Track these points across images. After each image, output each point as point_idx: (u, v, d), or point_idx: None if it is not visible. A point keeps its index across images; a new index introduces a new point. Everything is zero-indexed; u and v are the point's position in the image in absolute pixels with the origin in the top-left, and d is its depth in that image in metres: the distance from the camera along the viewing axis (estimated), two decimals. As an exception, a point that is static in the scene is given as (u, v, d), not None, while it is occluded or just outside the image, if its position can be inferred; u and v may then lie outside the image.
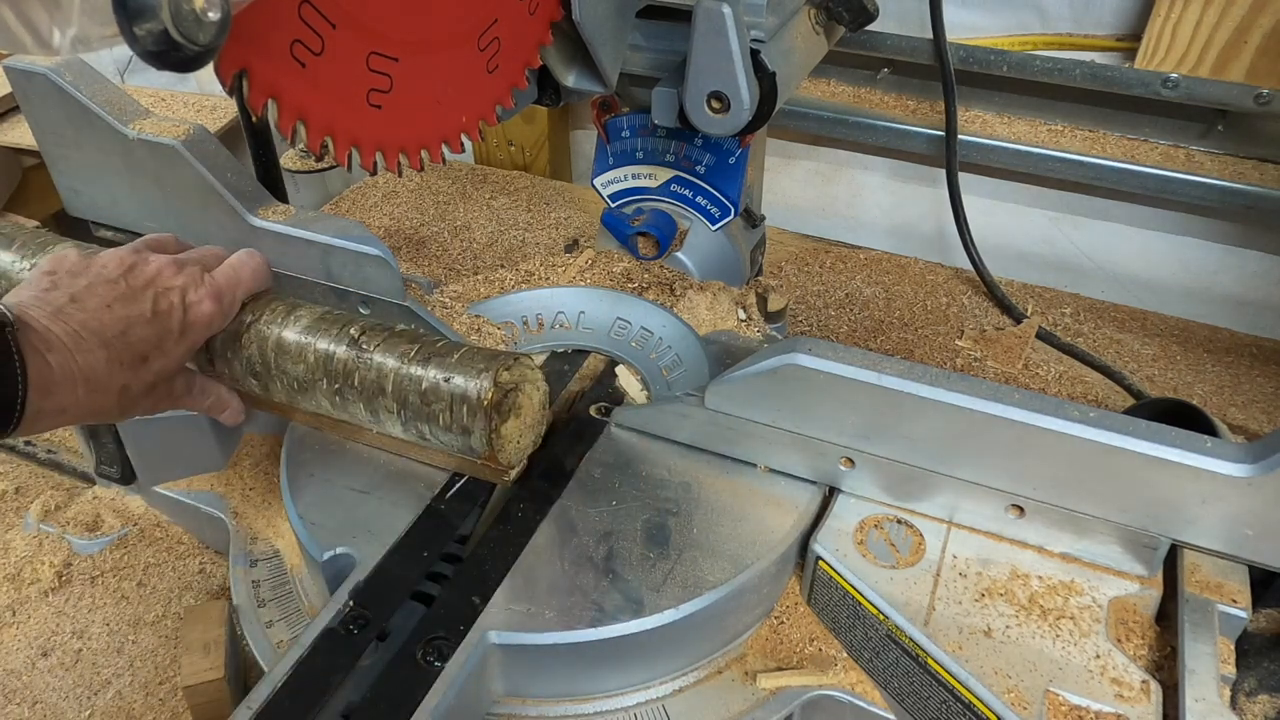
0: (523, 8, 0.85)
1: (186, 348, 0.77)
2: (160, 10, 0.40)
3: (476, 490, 0.81)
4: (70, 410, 0.68)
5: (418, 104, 0.79)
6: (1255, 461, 0.65)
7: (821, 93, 1.46)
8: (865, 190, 1.55)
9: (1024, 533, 0.75)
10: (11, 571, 0.96)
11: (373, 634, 0.69)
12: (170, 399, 0.80)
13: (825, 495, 0.80)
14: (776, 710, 0.72)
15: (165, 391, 0.78)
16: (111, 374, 0.70)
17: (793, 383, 0.75)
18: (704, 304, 0.99)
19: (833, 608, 0.75)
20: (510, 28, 0.85)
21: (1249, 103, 1.19)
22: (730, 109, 0.84)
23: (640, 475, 0.81)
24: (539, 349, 0.97)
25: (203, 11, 0.42)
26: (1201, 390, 1.17)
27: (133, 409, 0.75)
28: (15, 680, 0.88)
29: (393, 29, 0.73)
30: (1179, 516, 0.69)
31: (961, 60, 1.30)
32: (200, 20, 0.42)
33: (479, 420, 0.75)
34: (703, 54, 0.82)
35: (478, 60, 0.83)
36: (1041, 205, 1.43)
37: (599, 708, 0.72)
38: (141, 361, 0.72)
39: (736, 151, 1.06)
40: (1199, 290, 1.38)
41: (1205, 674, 0.65)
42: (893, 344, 1.22)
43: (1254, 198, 1.23)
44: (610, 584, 0.71)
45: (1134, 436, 0.67)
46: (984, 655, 0.68)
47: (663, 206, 1.10)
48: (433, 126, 0.82)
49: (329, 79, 0.69)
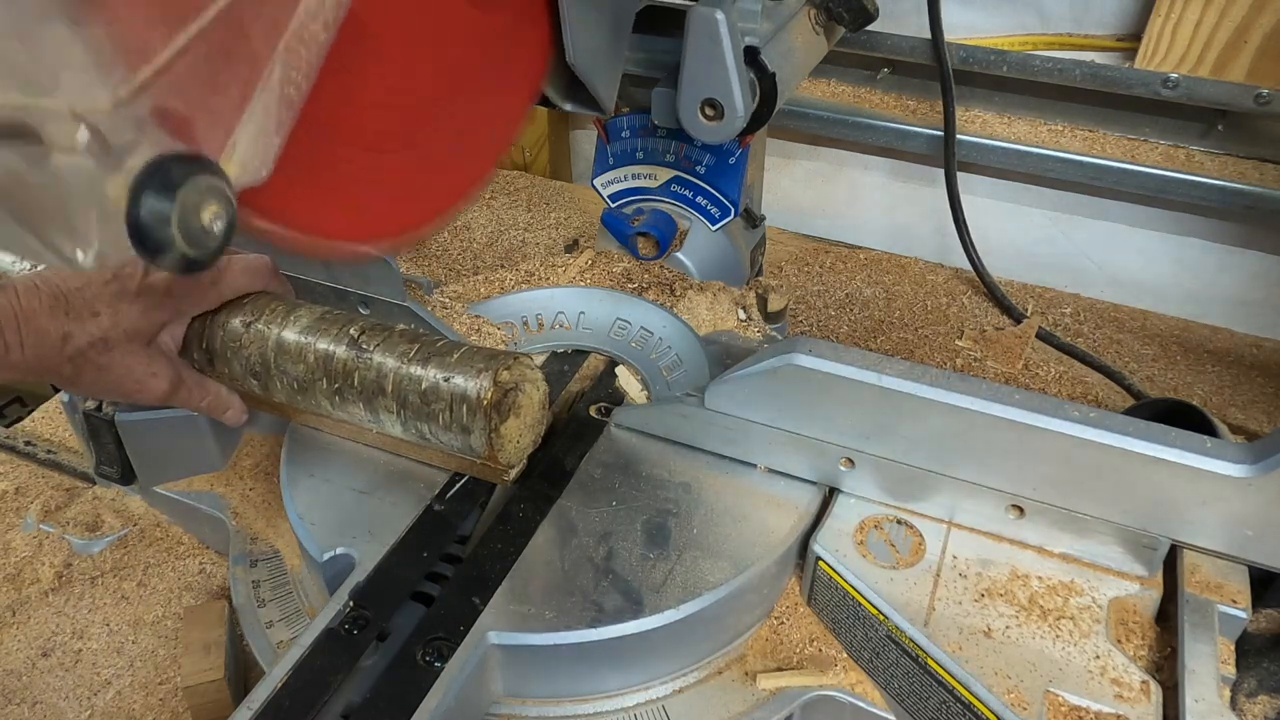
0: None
1: (141, 310, 0.77)
2: (174, 244, 0.43)
3: (476, 490, 0.81)
4: (12, 353, 0.70)
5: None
6: (1255, 462, 0.65)
7: (821, 93, 1.46)
8: (865, 190, 1.55)
9: (1024, 533, 0.75)
10: (11, 571, 0.96)
11: (373, 634, 0.69)
12: (131, 379, 0.80)
13: (825, 495, 0.80)
14: (776, 711, 0.72)
15: (122, 363, 0.79)
16: (55, 320, 0.71)
17: (793, 383, 0.75)
18: (704, 304, 0.99)
19: (833, 608, 0.75)
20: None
21: (1249, 103, 1.19)
22: (724, 116, 0.84)
23: (640, 475, 0.81)
24: (539, 349, 0.97)
25: (211, 224, 0.44)
26: (1201, 390, 1.17)
27: (82, 371, 0.76)
28: (15, 680, 0.88)
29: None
30: (1179, 517, 0.69)
31: (961, 60, 1.30)
32: (208, 232, 0.45)
33: (479, 420, 0.75)
34: (696, 60, 0.82)
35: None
36: (1041, 205, 1.43)
37: (599, 708, 0.72)
38: (91, 316, 0.74)
39: (736, 152, 1.06)
40: (1199, 290, 1.38)
41: (1205, 674, 0.65)
42: (893, 344, 1.22)
43: (1254, 198, 1.23)
44: (610, 584, 0.71)
45: (1134, 436, 0.67)
46: (984, 656, 0.68)
47: (663, 206, 1.10)
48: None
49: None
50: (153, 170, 0.41)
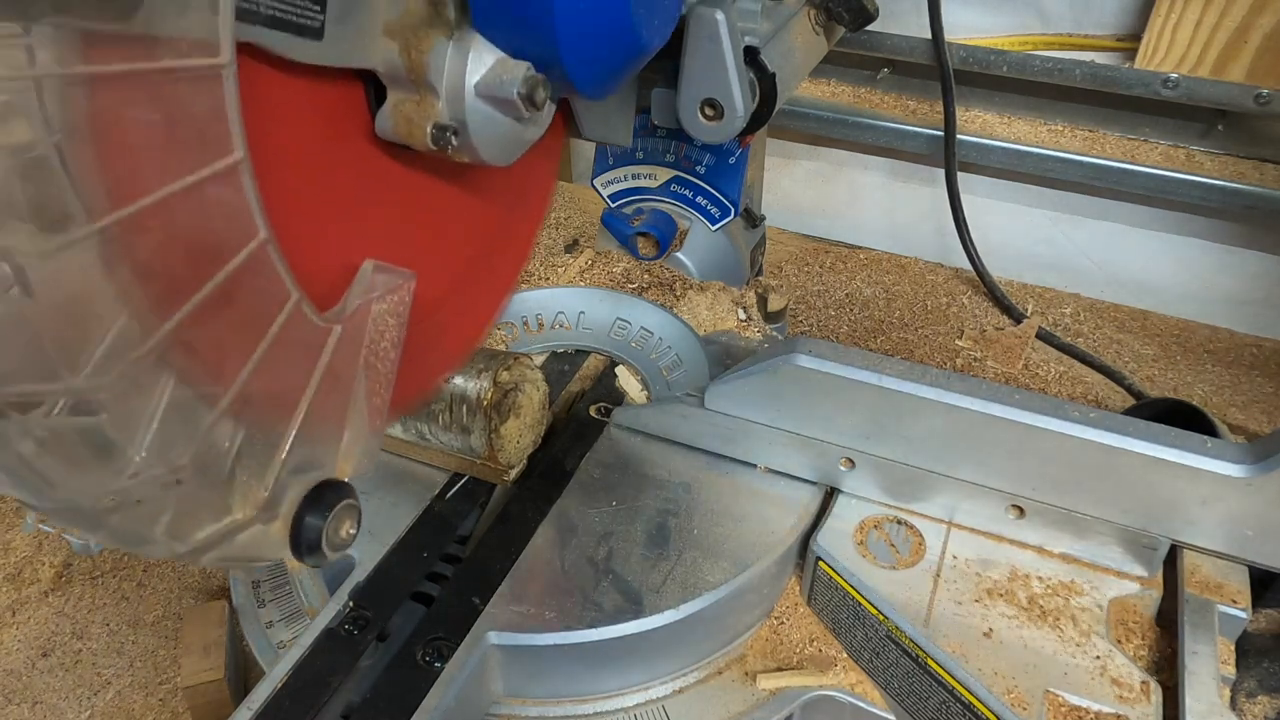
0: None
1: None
2: (322, 551, 0.53)
3: (476, 490, 0.81)
4: None
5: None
6: (1255, 462, 0.65)
7: (821, 93, 1.46)
8: (865, 190, 1.55)
9: (1024, 533, 0.75)
10: (11, 571, 0.96)
11: (373, 634, 0.69)
12: None
13: (825, 495, 0.80)
14: (776, 711, 0.72)
15: None
16: None
17: (792, 383, 0.75)
18: (704, 304, 0.99)
19: (833, 608, 0.75)
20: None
21: (1249, 103, 1.19)
22: (724, 116, 0.84)
23: (640, 475, 0.81)
24: (539, 349, 0.97)
25: (347, 534, 0.54)
26: (1201, 390, 1.17)
27: None
28: (15, 680, 0.88)
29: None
30: (1179, 517, 0.69)
31: (961, 60, 1.30)
32: (345, 541, 0.55)
33: (479, 420, 0.75)
34: (696, 60, 0.82)
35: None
36: (1041, 205, 1.43)
37: (599, 708, 0.72)
38: None
39: (736, 152, 1.06)
40: (1199, 290, 1.38)
41: (1205, 674, 0.65)
42: (893, 344, 1.22)
43: (1254, 198, 1.23)
44: (610, 584, 0.71)
45: (1134, 437, 0.67)
46: (984, 656, 0.68)
47: (663, 206, 1.10)
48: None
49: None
50: (312, 499, 0.52)
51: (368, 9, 0.54)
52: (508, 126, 0.60)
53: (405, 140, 0.59)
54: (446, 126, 0.58)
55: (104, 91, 0.37)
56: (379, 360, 0.57)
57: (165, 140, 0.39)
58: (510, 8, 0.55)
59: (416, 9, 0.56)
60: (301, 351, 0.51)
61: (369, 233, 0.62)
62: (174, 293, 0.42)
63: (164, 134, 0.39)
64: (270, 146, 0.51)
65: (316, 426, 0.53)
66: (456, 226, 0.71)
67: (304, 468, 0.53)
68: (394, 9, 0.55)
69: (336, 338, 0.53)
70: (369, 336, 0.56)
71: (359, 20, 0.54)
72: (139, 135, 0.39)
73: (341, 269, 0.59)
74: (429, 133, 0.58)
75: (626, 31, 0.58)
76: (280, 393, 0.50)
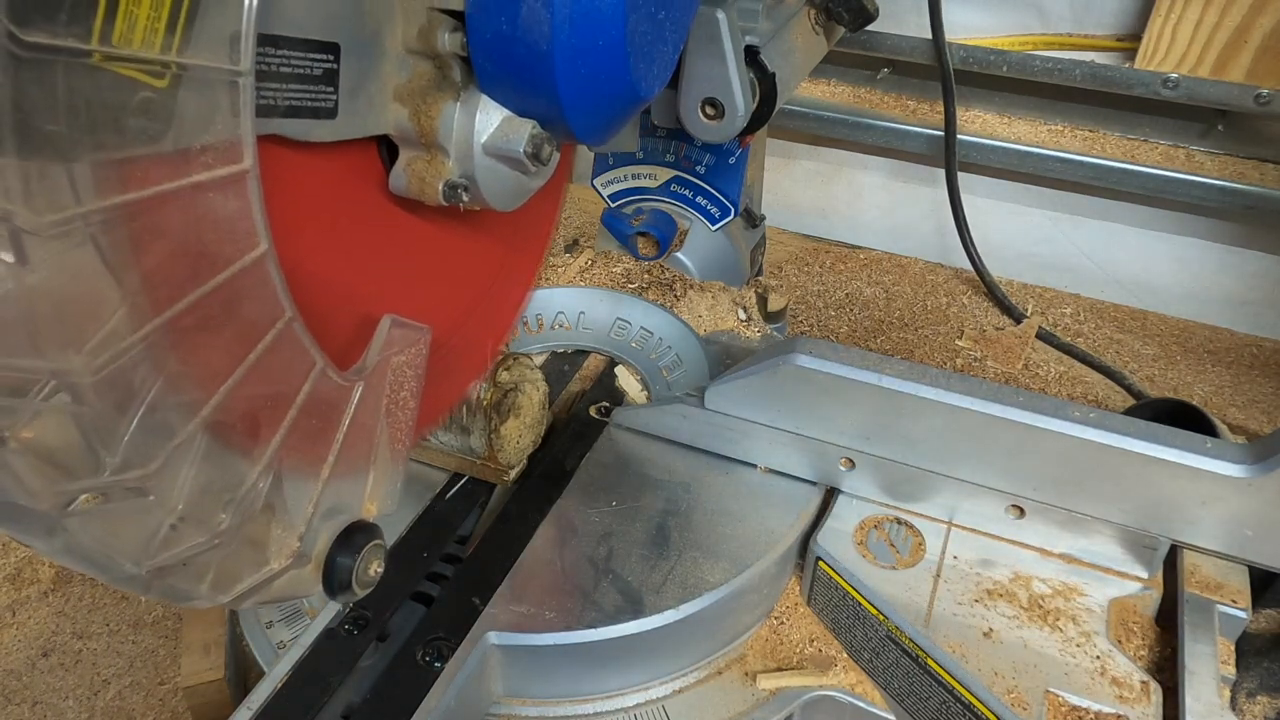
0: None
1: None
2: (352, 589, 0.57)
3: (476, 490, 0.81)
4: None
5: None
6: (1255, 462, 0.65)
7: (821, 93, 1.46)
8: (865, 190, 1.55)
9: (1024, 533, 0.75)
10: (11, 572, 0.96)
11: (373, 634, 0.69)
12: None
13: (825, 495, 0.80)
14: (776, 711, 0.72)
15: None
16: None
17: (792, 383, 0.75)
18: (704, 304, 0.99)
19: (833, 608, 0.75)
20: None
21: (1249, 103, 1.19)
22: (725, 116, 0.84)
23: (640, 475, 0.81)
24: (539, 349, 0.97)
25: (375, 573, 0.58)
26: (1201, 390, 1.17)
27: None
28: (15, 680, 0.88)
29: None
30: (1179, 517, 0.69)
31: (961, 60, 1.30)
32: (373, 579, 0.58)
33: (479, 420, 0.75)
34: (696, 60, 0.82)
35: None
36: (1041, 205, 1.43)
37: (599, 708, 0.72)
38: None
39: (736, 152, 1.06)
40: (1199, 290, 1.38)
41: (1205, 674, 0.65)
42: (893, 344, 1.22)
43: (1254, 198, 1.23)
44: (610, 584, 0.71)
45: (1134, 437, 0.67)
46: (984, 656, 0.68)
47: (663, 206, 1.10)
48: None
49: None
50: (342, 541, 0.56)
51: (377, 79, 0.55)
52: (515, 179, 0.62)
53: (418, 197, 0.61)
54: (457, 184, 0.60)
55: (138, 213, 0.39)
56: (399, 409, 0.60)
57: (196, 242, 0.42)
58: (514, 70, 0.56)
59: (424, 73, 0.57)
60: (327, 410, 0.53)
61: (382, 280, 0.64)
62: (211, 376, 0.44)
63: (195, 236, 0.41)
64: (292, 221, 0.53)
65: (343, 475, 0.56)
66: (462, 266, 0.73)
67: (333, 512, 0.56)
68: (402, 74, 0.57)
69: (359, 393, 0.55)
70: (389, 387, 0.58)
71: (369, 92, 0.55)
72: (170, 242, 0.40)
73: (359, 320, 0.61)
74: (441, 190, 0.60)
75: (626, 86, 0.60)
76: (308, 450, 0.53)
